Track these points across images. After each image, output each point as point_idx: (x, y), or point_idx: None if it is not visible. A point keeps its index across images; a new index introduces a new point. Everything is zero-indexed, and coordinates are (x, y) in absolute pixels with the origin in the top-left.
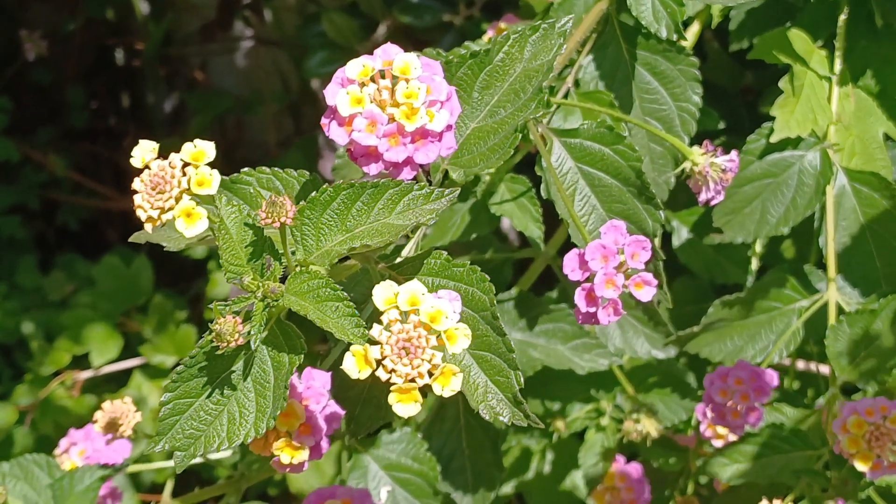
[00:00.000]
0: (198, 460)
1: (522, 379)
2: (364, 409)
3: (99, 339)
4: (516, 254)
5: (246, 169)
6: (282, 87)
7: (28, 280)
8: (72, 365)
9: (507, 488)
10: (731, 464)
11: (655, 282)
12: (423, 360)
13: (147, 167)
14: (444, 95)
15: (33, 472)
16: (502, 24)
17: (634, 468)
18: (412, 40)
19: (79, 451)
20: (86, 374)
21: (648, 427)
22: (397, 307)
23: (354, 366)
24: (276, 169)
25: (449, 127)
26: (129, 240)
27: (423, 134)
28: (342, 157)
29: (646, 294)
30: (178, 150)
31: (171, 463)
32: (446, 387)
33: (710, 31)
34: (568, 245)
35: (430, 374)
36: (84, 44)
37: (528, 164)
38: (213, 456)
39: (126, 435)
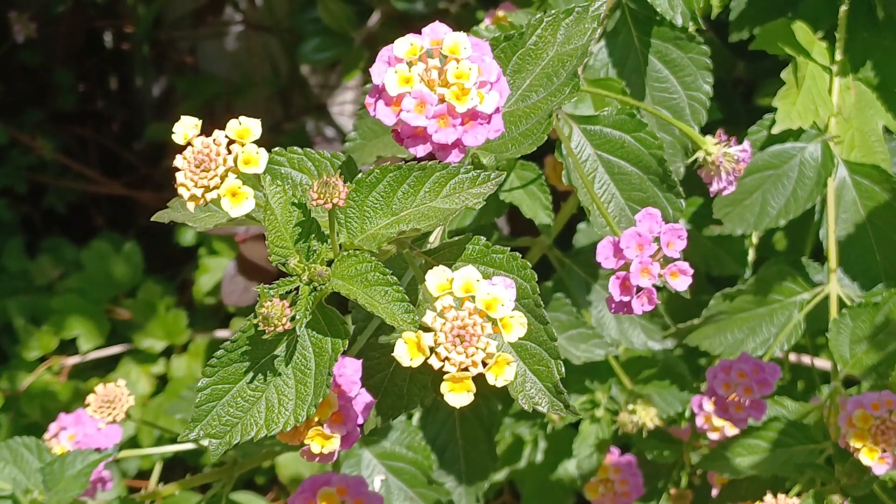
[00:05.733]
0: (189, 446)
1: (563, 368)
2: (385, 398)
3: (87, 324)
4: (512, 243)
5: (277, 149)
6: (271, 73)
7: (14, 263)
8: (59, 350)
9: (499, 476)
10: (747, 455)
11: (691, 271)
12: (477, 348)
13: (189, 144)
14: (494, 76)
15: (23, 455)
16: (500, 13)
17: (628, 460)
18: (407, 28)
19: (69, 435)
20: (73, 360)
21: (645, 417)
22: (452, 293)
23: (406, 353)
24: (308, 150)
25: (497, 109)
26: (153, 218)
27: (472, 115)
28: (353, 140)
29: (681, 283)
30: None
31: (157, 450)
32: (500, 376)
33: (706, 22)
34: (566, 235)
35: (484, 364)
36: (73, 26)
37: (535, 152)
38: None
39: (119, 420)
